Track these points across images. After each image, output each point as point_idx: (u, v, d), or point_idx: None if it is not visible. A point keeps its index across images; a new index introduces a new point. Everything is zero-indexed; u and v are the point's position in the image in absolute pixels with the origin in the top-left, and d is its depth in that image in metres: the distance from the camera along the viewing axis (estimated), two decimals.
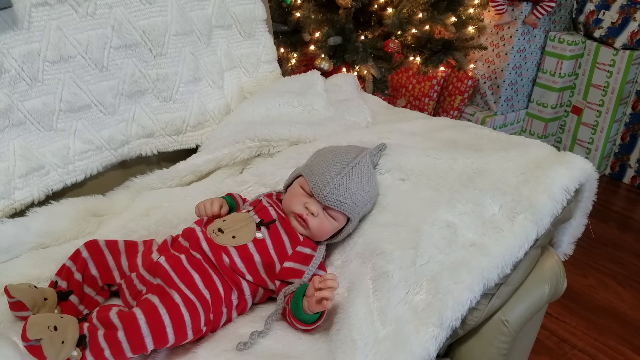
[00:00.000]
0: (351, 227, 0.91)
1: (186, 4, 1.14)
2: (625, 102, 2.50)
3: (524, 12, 2.37)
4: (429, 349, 0.77)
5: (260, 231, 0.86)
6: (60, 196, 1.03)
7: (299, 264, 0.86)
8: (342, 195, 0.87)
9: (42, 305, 0.78)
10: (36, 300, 0.78)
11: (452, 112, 2.55)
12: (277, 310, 0.83)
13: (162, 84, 1.12)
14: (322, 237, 0.90)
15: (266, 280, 0.85)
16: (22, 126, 0.96)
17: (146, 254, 0.85)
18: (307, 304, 0.79)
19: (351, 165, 0.89)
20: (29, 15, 0.94)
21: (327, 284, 0.77)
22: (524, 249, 0.83)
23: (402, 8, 1.92)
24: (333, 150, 0.93)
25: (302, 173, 0.91)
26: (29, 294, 0.77)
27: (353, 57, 1.89)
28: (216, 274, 0.81)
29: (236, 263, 0.82)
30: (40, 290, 0.80)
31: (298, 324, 0.81)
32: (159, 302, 0.72)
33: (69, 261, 0.84)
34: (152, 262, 0.81)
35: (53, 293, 0.81)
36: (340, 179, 0.87)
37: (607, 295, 1.85)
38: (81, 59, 1.01)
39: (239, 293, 0.83)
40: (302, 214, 0.87)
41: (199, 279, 0.78)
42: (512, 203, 0.86)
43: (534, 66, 2.58)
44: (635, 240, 2.20)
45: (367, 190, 0.91)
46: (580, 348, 1.61)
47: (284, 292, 0.84)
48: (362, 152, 0.93)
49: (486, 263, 0.80)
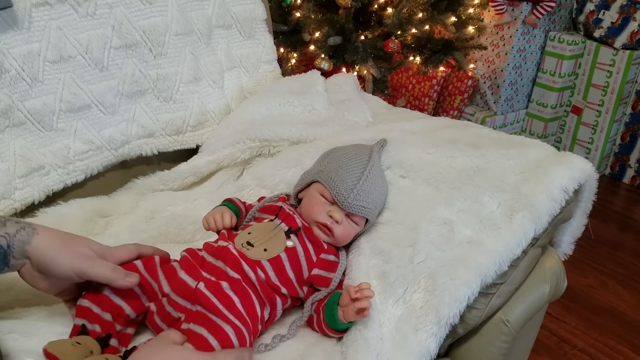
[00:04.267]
0: (366, 228, 0.91)
1: (186, 4, 1.14)
2: (625, 102, 2.50)
3: (524, 12, 2.38)
4: (428, 347, 0.77)
5: (290, 239, 0.84)
6: (61, 196, 1.03)
7: (326, 271, 0.85)
8: (364, 201, 0.86)
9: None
10: (86, 358, 0.68)
11: (452, 112, 2.55)
12: (302, 317, 0.82)
13: (162, 84, 1.12)
14: (345, 242, 0.89)
15: (298, 289, 0.83)
16: (23, 126, 0.96)
17: (171, 276, 0.79)
18: (343, 314, 0.78)
19: (368, 167, 0.88)
20: (29, 15, 0.94)
21: (364, 293, 0.75)
22: (521, 246, 0.83)
23: (402, 8, 1.92)
24: (345, 153, 0.92)
25: (318, 179, 0.89)
26: (77, 354, 0.66)
27: (353, 57, 1.89)
28: (254, 293, 0.78)
29: (271, 278, 0.80)
30: (84, 345, 0.68)
31: (331, 332, 0.80)
32: (208, 334, 0.70)
33: (87, 301, 0.73)
34: (188, 289, 0.76)
35: (95, 344, 0.71)
36: (362, 185, 0.86)
37: (607, 295, 1.85)
38: (81, 59, 1.01)
39: (271, 308, 0.81)
40: (327, 223, 0.85)
41: (239, 302, 0.75)
42: (511, 201, 0.86)
43: (534, 66, 2.58)
44: (635, 240, 2.20)
45: (384, 190, 0.91)
46: (580, 348, 1.62)
47: (311, 300, 0.83)
48: (372, 152, 0.92)
49: (483, 259, 0.80)
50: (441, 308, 0.78)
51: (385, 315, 0.80)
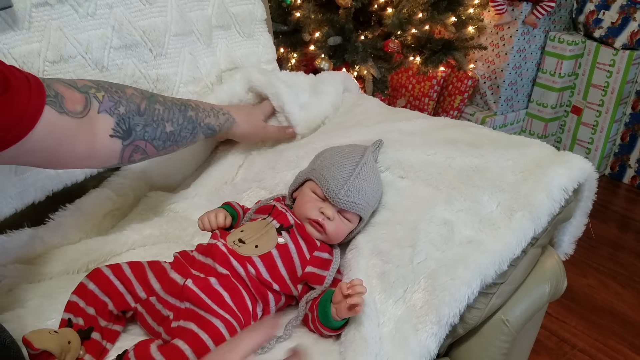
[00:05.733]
0: (361, 226, 0.91)
1: (185, 5, 1.14)
2: (625, 102, 2.50)
3: (524, 12, 2.38)
4: (429, 347, 0.77)
5: (282, 236, 0.84)
6: (61, 196, 1.03)
7: (319, 268, 0.85)
8: (356, 197, 0.86)
9: (68, 350, 0.72)
10: (62, 346, 0.71)
11: (452, 112, 2.55)
12: (297, 317, 0.82)
13: (162, 84, 1.12)
14: (338, 240, 0.89)
15: (291, 286, 0.83)
16: None
17: (161, 275, 0.80)
18: (336, 311, 0.78)
19: (360, 165, 0.88)
20: (29, 15, 0.94)
21: (356, 289, 0.75)
22: (521, 246, 0.83)
23: (402, 8, 1.92)
24: (338, 152, 0.92)
25: (311, 177, 0.90)
26: (54, 342, 0.71)
27: (353, 57, 1.89)
28: (244, 289, 0.79)
29: (262, 273, 0.80)
30: (62, 334, 0.73)
31: (325, 331, 0.80)
32: (198, 329, 0.70)
33: (75, 296, 0.78)
34: (176, 286, 0.77)
35: (75, 334, 0.75)
36: (352, 181, 0.86)
37: (607, 295, 1.85)
38: (81, 59, 1.01)
39: (264, 305, 0.81)
40: (319, 219, 0.86)
41: (228, 297, 0.75)
42: (510, 201, 0.86)
43: (533, 66, 2.58)
44: (635, 240, 2.20)
45: (376, 188, 0.91)
46: (580, 348, 1.62)
47: (305, 299, 0.83)
48: (366, 151, 0.93)
49: (483, 259, 0.80)
50: (441, 308, 0.78)
51: (385, 315, 0.80)
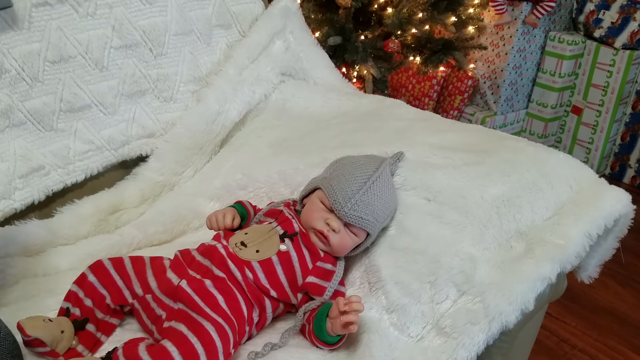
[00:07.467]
0: (369, 241, 0.88)
1: (186, 4, 1.14)
2: (625, 102, 2.50)
3: (524, 12, 2.38)
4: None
5: (284, 243, 0.83)
6: (61, 196, 1.03)
7: (321, 279, 0.84)
8: (363, 212, 0.83)
9: (60, 339, 0.74)
10: (54, 335, 0.73)
11: (452, 112, 2.55)
12: (295, 326, 0.81)
13: (162, 84, 1.12)
14: (343, 253, 0.87)
15: (290, 294, 0.82)
16: (23, 126, 0.96)
17: (159, 274, 0.80)
18: (331, 326, 0.76)
19: (372, 179, 0.85)
20: (30, 15, 0.94)
21: (353, 307, 0.73)
22: (545, 286, 0.80)
23: (402, 8, 1.92)
24: (352, 162, 0.89)
25: (320, 186, 0.87)
26: (47, 330, 0.72)
27: (353, 57, 1.88)
28: (240, 293, 0.77)
29: (260, 279, 0.79)
30: (56, 322, 0.75)
31: (319, 344, 0.79)
32: (188, 331, 0.69)
33: (75, 286, 0.79)
34: (171, 286, 0.77)
35: (69, 324, 0.76)
36: (361, 195, 0.83)
37: (607, 295, 1.85)
38: (81, 59, 1.01)
39: (260, 310, 0.80)
40: (323, 230, 0.84)
41: (222, 300, 0.74)
42: (538, 244, 0.83)
43: (534, 66, 2.58)
44: (635, 240, 2.20)
45: (388, 204, 0.88)
46: (580, 348, 1.61)
47: (304, 309, 0.81)
48: (382, 163, 0.89)
49: (504, 305, 0.77)
50: (459, 351, 0.76)
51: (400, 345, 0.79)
